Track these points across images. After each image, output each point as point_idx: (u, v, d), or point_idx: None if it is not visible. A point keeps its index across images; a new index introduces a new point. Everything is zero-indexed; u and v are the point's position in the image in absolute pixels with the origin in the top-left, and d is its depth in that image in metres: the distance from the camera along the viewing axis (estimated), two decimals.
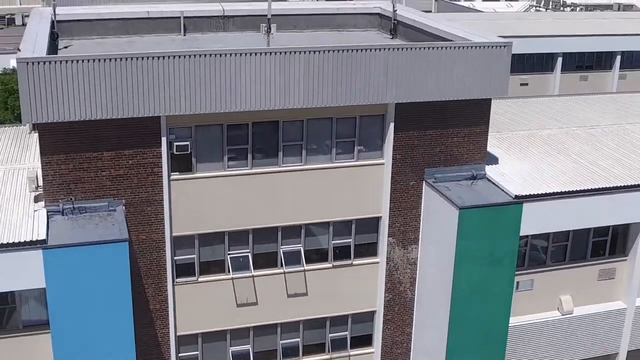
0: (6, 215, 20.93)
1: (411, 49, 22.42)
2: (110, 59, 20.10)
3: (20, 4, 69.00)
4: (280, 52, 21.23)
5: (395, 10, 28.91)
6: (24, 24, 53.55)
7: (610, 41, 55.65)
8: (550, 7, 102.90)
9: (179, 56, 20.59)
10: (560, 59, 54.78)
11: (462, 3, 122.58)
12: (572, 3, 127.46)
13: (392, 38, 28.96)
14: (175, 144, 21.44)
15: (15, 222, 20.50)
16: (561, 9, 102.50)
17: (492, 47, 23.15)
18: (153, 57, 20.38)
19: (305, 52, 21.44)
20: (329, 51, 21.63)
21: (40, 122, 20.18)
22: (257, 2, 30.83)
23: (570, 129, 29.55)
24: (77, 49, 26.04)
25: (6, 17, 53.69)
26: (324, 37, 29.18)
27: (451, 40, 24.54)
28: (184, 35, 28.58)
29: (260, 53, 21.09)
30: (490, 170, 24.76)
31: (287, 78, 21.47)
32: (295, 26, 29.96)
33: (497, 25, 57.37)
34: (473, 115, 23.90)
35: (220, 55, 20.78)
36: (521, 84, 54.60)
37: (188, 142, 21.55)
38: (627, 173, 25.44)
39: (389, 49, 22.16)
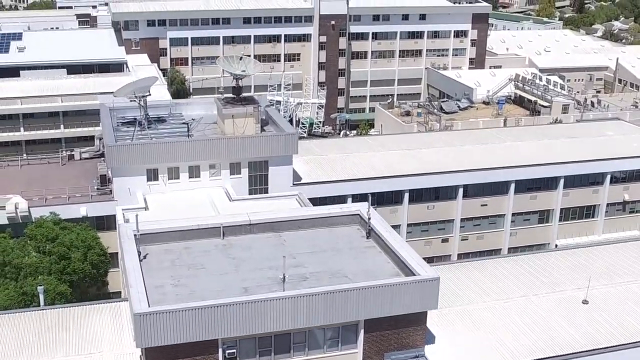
0: None
1: (374, 287, 35.53)
2: (190, 309, 33.25)
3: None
4: (292, 297, 34.38)
5: (370, 218, 42.20)
6: (81, 158, 66.33)
7: (554, 168, 68.38)
8: (526, 83, 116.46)
9: (229, 305, 33.64)
10: (513, 185, 67.56)
11: (448, 73, 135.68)
12: (546, 68, 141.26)
13: (367, 238, 42.19)
14: (227, 351, 34.61)
15: None
16: (537, 82, 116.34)
17: (427, 280, 36.27)
18: (214, 307, 33.49)
19: (308, 295, 34.57)
20: (323, 293, 34.74)
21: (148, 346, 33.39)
22: (274, 212, 44.21)
23: (491, 302, 42.68)
24: (152, 257, 39.44)
25: (66, 152, 66.13)
26: (318, 235, 42.43)
27: (399, 258, 37.88)
28: (223, 239, 41.86)
29: (280, 299, 34.24)
30: (428, 349, 37.87)
31: (296, 310, 34.57)
32: (300, 227, 43.28)
33: (463, 152, 70.49)
34: (415, 320, 37.03)
35: (254, 302, 33.91)
36: (481, 205, 67.69)
37: (235, 350, 34.70)
38: (520, 351, 38.51)
39: (360, 288, 35.31)
